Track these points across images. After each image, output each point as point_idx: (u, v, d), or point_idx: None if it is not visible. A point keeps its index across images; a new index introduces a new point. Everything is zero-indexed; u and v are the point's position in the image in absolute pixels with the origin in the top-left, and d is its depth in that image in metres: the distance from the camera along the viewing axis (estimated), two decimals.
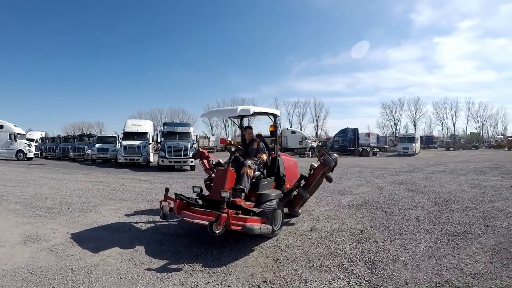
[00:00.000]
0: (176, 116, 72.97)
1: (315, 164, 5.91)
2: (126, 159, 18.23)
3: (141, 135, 19.67)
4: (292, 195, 5.80)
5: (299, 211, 6.14)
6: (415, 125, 74.42)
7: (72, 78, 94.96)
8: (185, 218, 4.55)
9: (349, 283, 3.33)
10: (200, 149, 6.64)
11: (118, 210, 6.68)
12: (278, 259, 4.00)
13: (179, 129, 18.62)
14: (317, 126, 78.10)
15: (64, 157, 25.42)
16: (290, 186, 5.87)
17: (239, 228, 4.07)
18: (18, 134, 23.54)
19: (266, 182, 5.40)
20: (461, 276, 3.42)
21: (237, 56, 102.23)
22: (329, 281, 3.37)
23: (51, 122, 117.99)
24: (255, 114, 5.73)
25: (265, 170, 5.55)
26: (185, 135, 18.16)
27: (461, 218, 5.75)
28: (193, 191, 5.26)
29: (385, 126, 77.27)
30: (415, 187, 9.46)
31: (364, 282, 3.34)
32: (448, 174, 12.60)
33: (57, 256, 4.01)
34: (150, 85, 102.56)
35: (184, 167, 16.61)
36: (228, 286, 3.30)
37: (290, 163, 6.21)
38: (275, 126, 5.99)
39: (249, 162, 5.09)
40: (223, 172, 4.88)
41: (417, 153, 33.22)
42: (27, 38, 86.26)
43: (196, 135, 19.83)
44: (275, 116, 5.95)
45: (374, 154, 33.89)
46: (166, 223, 5.60)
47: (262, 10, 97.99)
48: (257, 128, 7.86)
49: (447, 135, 69.01)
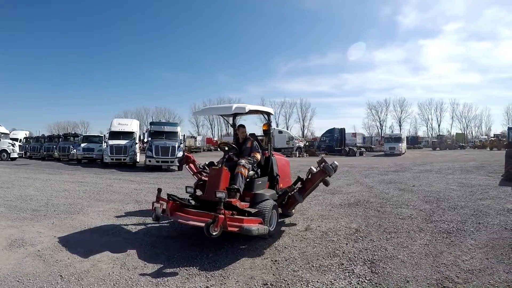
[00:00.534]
0: (162, 116, 72.01)
1: (314, 169, 5.60)
2: (113, 159, 17.83)
3: (128, 135, 19.25)
4: (286, 198, 5.66)
5: (292, 211, 6.08)
6: (401, 126, 75.89)
7: (56, 77, 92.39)
8: (179, 220, 4.41)
9: (351, 283, 3.29)
10: (185, 154, 6.47)
11: (107, 212, 6.46)
12: (276, 260, 3.92)
13: (167, 129, 18.37)
14: (303, 126, 78.48)
15: (49, 157, 24.70)
16: (284, 186, 5.80)
17: (236, 230, 3.97)
18: (2, 134, 22.55)
19: (261, 182, 5.31)
20: (460, 273, 3.46)
21: (224, 56, 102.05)
22: (331, 281, 3.32)
23: (35, 122, 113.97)
24: (250, 113, 5.64)
25: (259, 170, 5.47)
26: (173, 135, 17.94)
27: (453, 216, 5.83)
28: (186, 191, 5.12)
29: (371, 127, 78.59)
30: (404, 186, 9.59)
31: (366, 281, 3.31)
32: (436, 174, 12.85)
33: (45, 262, 3.79)
34: (136, 84, 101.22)
35: (172, 167, 16.35)
36: None
37: (283, 163, 6.15)
38: (269, 125, 5.91)
39: (243, 162, 4.98)
40: (217, 172, 4.76)
41: (403, 153, 33.89)
42: (9, 38, 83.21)
43: (184, 135, 19.55)
44: (269, 115, 5.88)
45: (361, 154, 34.39)
46: (157, 225, 5.44)
47: (250, 11, 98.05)
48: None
49: (432, 136, 70.67)
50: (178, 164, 6.73)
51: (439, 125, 77.19)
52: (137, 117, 62.67)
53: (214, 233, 3.71)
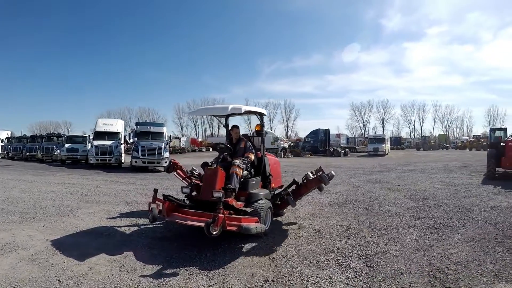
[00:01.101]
0: (146, 116, 71.14)
1: (311, 176, 5.48)
2: (98, 160, 17.45)
3: (113, 135, 18.87)
4: (280, 199, 5.69)
5: (284, 211, 6.16)
6: (384, 127, 77.76)
7: (38, 76, 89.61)
8: (177, 220, 4.42)
9: (349, 277, 3.42)
10: (172, 161, 6.45)
11: (97, 214, 6.35)
12: (274, 258, 4.00)
13: (153, 129, 18.14)
14: (287, 127, 79.30)
15: (32, 158, 23.84)
16: (275, 186, 5.87)
17: (235, 229, 4.02)
18: None
19: (254, 182, 5.39)
20: (450, 264, 3.67)
21: (208, 57, 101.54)
22: (329, 276, 3.43)
23: (16, 121, 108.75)
24: (246, 113, 5.71)
25: (252, 170, 5.54)
26: (159, 135, 17.74)
27: (439, 213, 6.11)
28: (182, 192, 5.11)
29: (354, 128, 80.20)
30: (390, 186, 9.90)
31: (363, 275, 3.45)
32: (420, 173, 13.31)
33: (40, 266, 3.68)
34: (119, 84, 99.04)
35: (158, 168, 16.16)
36: None
37: (275, 163, 6.25)
38: (262, 126, 6.00)
39: (238, 162, 5.03)
40: (213, 172, 4.79)
41: (387, 154, 34.69)
42: None
43: (170, 136, 19.36)
44: (262, 116, 5.96)
45: (345, 155, 34.89)
46: (151, 226, 5.41)
47: (234, 12, 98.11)
48: None
49: (415, 136, 72.69)
50: (166, 172, 6.68)
51: (422, 126, 79.76)
52: (121, 117, 61.38)
53: (214, 233, 3.75)
